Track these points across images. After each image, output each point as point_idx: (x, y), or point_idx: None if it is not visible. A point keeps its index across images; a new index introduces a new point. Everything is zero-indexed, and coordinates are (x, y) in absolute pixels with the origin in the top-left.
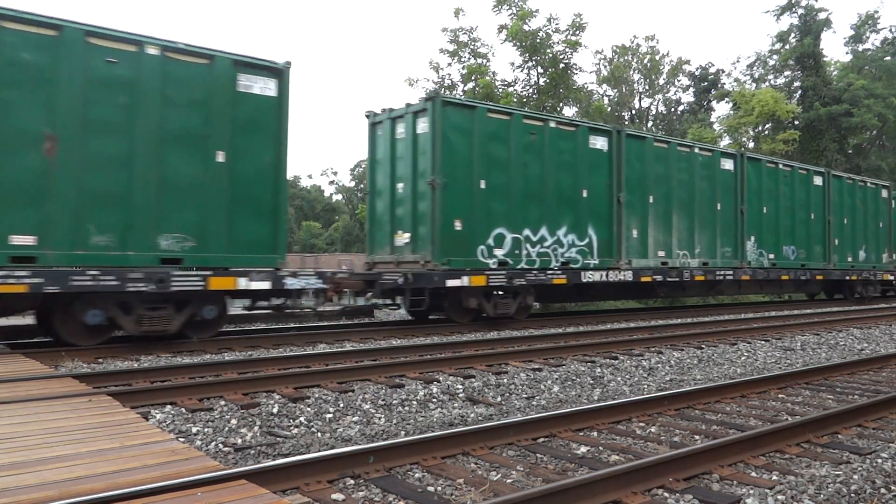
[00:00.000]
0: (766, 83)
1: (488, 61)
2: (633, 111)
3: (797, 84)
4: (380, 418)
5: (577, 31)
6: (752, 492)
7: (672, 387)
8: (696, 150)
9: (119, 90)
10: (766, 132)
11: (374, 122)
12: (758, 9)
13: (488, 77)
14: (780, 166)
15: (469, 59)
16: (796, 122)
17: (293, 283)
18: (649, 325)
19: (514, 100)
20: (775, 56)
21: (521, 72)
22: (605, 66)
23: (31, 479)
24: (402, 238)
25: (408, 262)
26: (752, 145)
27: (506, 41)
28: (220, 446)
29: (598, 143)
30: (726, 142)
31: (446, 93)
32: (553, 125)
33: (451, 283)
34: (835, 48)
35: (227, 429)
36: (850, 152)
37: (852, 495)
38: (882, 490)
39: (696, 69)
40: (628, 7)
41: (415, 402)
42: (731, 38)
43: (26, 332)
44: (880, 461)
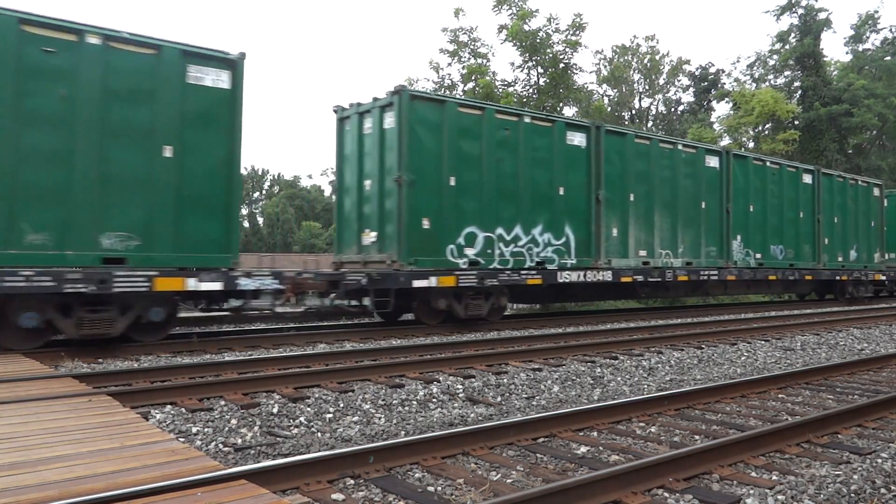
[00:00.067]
0: (766, 83)
1: (488, 61)
2: (633, 111)
3: (797, 84)
4: (380, 418)
5: (577, 31)
6: (752, 492)
7: (672, 387)
8: (680, 147)
9: (57, 81)
10: (766, 132)
11: (341, 118)
12: (758, 9)
13: (488, 77)
14: (768, 164)
15: (469, 59)
16: (796, 122)
17: (247, 283)
18: (649, 325)
19: (515, 100)
20: (775, 56)
21: (521, 72)
22: (605, 66)
23: (30, 479)
24: (369, 237)
25: (374, 261)
26: (752, 145)
27: (506, 41)
28: (220, 446)
29: (576, 139)
30: (726, 142)
31: (447, 93)
32: (528, 120)
33: (418, 283)
34: (835, 48)
35: (227, 429)
36: (850, 152)
37: (852, 495)
38: (882, 490)
39: (696, 69)
40: (628, 7)
41: (415, 402)
42: (731, 38)
43: None
44: (880, 461)
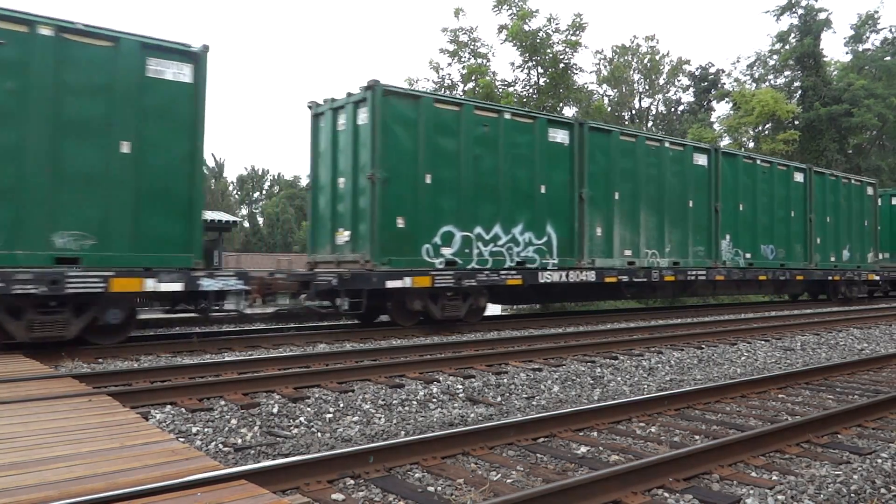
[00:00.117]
0: (766, 83)
1: (488, 61)
2: (633, 111)
3: (797, 84)
4: (380, 418)
5: (577, 32)
6: (752, 492)
7: (672, 387)
8: (667, 145)
9: (6, 74)
10: (766, 132)
11: (316, 114)
12: (758, 9)
13: (488, 77)
14: (758, 162)
15: (469, 59)
16: (796, 122)
17: (210, 284)
18: (649, 325)
19: (515, 100)
20: (775, 56)
21: (522, 72)
22: (605, 66)
23: (30, 479)
24: (342, 236)
25: (348, 261)
26: (752, 145)
27: (506, 41)
28: (220, 446)
29: (559, 136)
30: (726, 142)
31: (447, 93)
32: (508, 117)
33: (392, 284)
34: (835, 48)
35: (227, 429)
36: (850, 152)
37: (852, 495)
38: (882, 490)
39: (696, 69)
40: (628, 7)
41: (415, 402)
42: (731, 38)
43: None
44: (880, 461)
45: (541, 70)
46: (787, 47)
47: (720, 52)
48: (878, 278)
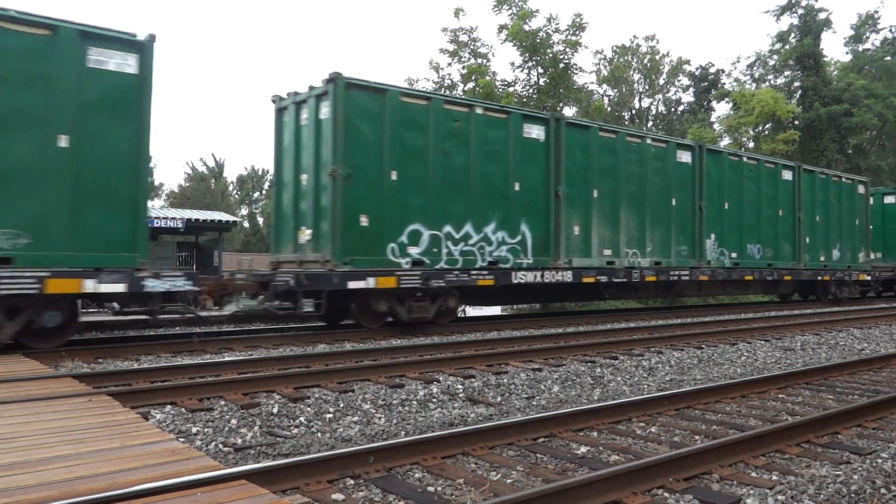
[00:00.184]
0: (766, 83)
1: (488, 61)
2: (633, 111)
3: (797, 84)
4: (380, 418)
5: (577, 32)
6: (752, 492)
7: (672, 387)
8: (649, 141)
9: None
10: (766, 132)
11: (279, 108)
12: (758, 9)
13: (488, 77)
14: (745, 159)
15: (469, 59)
16: (796, 122)
17: (155, 285)
18: (649, 325)
19: (515, 100)
20: (775, 56)
21: (522, 72)
22: (605, 66)
23: (31, 479)
24: (304, 235)
25: (309, 261)
26: (752, 145)
27: (506, 41)
28: (220, 446)
29: (534, 131)
30: (726, 142)
31: (447, 92)
32: (480, 111)
33: (354, 284)
34: (835, 48)
35: (227, 429)
36: (849, 152)
37: (852, 495)
38: (882, 490)
39: (696, 69)
40: (628, 7)
41: (415, 402)
42: (731, 38)
43: None
44: (880, 461)
45: (541, 70)
46: (787, 47)
47: (720, 52)
48: (869, 278)
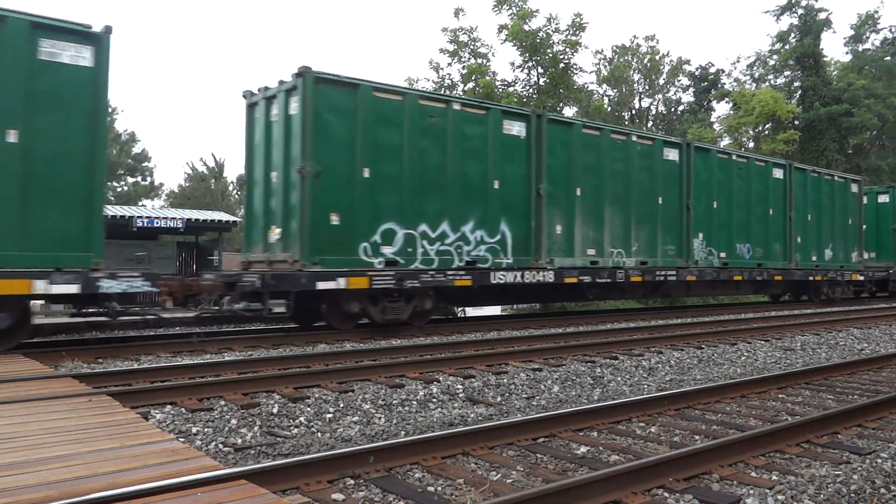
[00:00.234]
0: (766, 83)
1: (488, 61)
2: (633, 111)
3: (797, 84)
4: (380, 418)
5: (577, 32)
6: (752, 492)
7: (672, 387)
8: (634, 139)
9: None
10: (766, 132)
11: (250, 104)
12: (758, 9)
13: (488, 77)
14: (734, 157)
15: (469, 59)
16: (796, 123)
17: (111, 286)
18: (649, 325)
19: (515, 100)
20: (775, 56)
21: (522, 72)
22: (605, 66)
23: (30, 479)
24: (274, 234)
25: (279, 261)
26: (752, 145)
27: (506, 41)
28: (220, 446)
29: (514, 128)
30: (727, 142)
31: (447, 92)
32: (457, 107)
33: (324, 285)
34: (835, 48)
35: (227, 429)
36: (850, 152)
37: (852, 495)
38: (882, 490)
39: (696, 69)
40: (628, 7)
41: (415, 402)
42: (731, 38)
43: None
44: (880, 461)
45: (541, 70)
46: (787, 47)
47: (720, 52)
48: (862, 278)
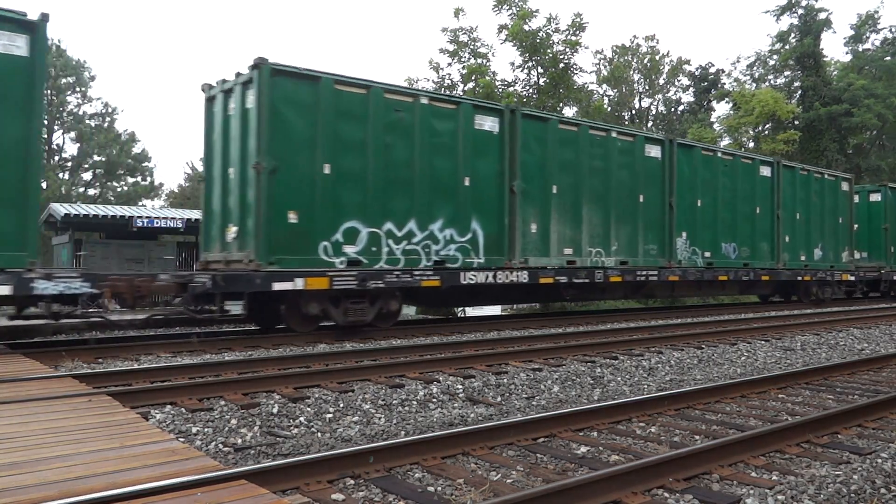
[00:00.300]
0: (766, 83)
1: (488, 61)
2: (633, 111)
3: (797, 84)
4: (380, 418)
5: (577, 32)
6: (752, 492)
7: (672, 387)
8: (614, 135)
9: None
10: (766, 132)
11: (209, 97)
12: (758, 9)
13: (488, 77)
14: (719, 154)
15: (469, 59)
16: (796, 123)
17: (46, 287)
18: (649, 325)
19: (515, 100)
20: (775, 56)
21: (522, 72)
22: (605, 66)
23: (30, 479)
24: (231, 233)
25: (235, 260)
26: (752, 145)
27: (506, 41)
28: (220, 446)
29: (486, 123)
30: (726, 142)
31: (447, 92)
32: (425, 101)
33: (280, 286)
34: (835, 48)
35: (227, 429)
36: (849, 152)
37: (852, 495)
38: (882, 490)
39: (696, 69)
40: (628, 7)
41: (415, 402)
42: (731, 38)
43: None
44: (880, 461)
45: (541, 70)
46: (787, 47)
47: (720, 52)
48: (852, 278)
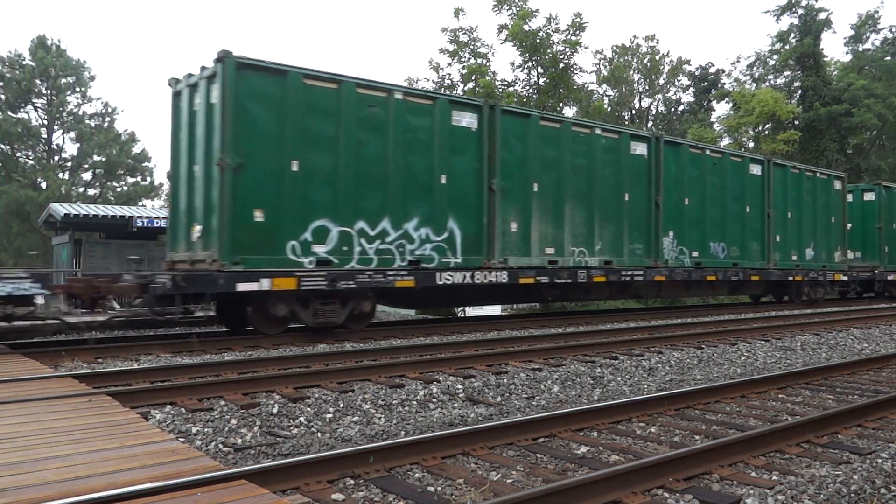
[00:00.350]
0: (766, 83)
1: (488, 61)
2: (634, 111)
3: (797, 84)
4: (380, 418)
5: (577, 31)
6: (752, 492)
7: (672, 387)
8: (598, 132)
9: None
10: (766, 132)
11: (175, 92)
12: (758, 9)
13: (488, 77)
14: (707, 152)
15: (469, 59)
16: (796, 123)
17: None
18: (649, 325)
19: (515, 99)
20: (775, 56)
21: (522, 72)
22: (605, 66)
23: (30, 479)
24: (195, 232)
25: (199, 260)
26: (752, 145)
27: (506, 41)
28: (220, 446)
29: (464, 119)
30: (726, 142)
31: (447, 92)
32: (399, 97)
33: (245, 286)
34: (835, 48)
35: (227, 429)
36: (849, 152)
37: (852, 495)
38: (882, 490)
39: (696, 69)
40: (628, 7)
41: (415, 402)
42: (731, 38)
43: None
44: (880, 461)
45: (541, 70)
46: (787, 47)
47: (720, 52)
48: (845, 278)
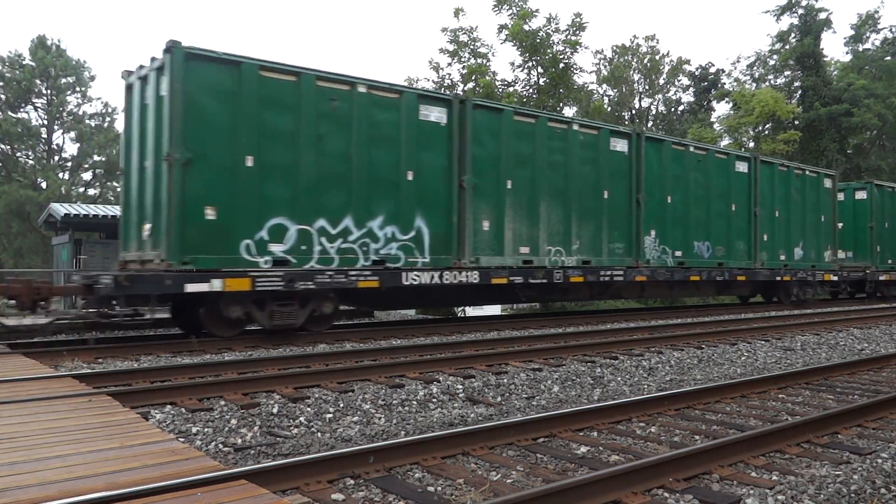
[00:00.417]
0: (766, 83)
1: (488, 61)
2: (634, 111)
3: (797, 84)
4: (380, 418)
5: (577, 31)
6: (752, 492)
7: (672, 387)
8: (576, 128)
9: None
10: (767, 132)
11: (128, 84)
12: (758, 9)
13: (488, 77)
14: (691, 149)
15: (469, 59)
16: (796, 123)
17: None
18: (649, 325)
19: (515, 99)
20: (775, 56)
21: (522, 72)
22: (605, 66)
23: (30, 479)
24: (145, 230)
25: (148, 259)
26: (752, 145)
27: (506, 41)
28: (220, 446)
29: (433, 114)
30: (726, 142)
31: (447, 92)
32: (363, 90)
33: (194, 287)
34: (835, 48)
35: (227, 429)
36: (850, 152)
37: (852, 495)
38: (882, 490)
39: (696, 69)
40: (628, 7)
41: (415, 402)
42: (731, 38)
43: None
44: (880, 461)
45: (541, 70)
46: (787, 47)
47: (720, 52)
48: (835, 278)
